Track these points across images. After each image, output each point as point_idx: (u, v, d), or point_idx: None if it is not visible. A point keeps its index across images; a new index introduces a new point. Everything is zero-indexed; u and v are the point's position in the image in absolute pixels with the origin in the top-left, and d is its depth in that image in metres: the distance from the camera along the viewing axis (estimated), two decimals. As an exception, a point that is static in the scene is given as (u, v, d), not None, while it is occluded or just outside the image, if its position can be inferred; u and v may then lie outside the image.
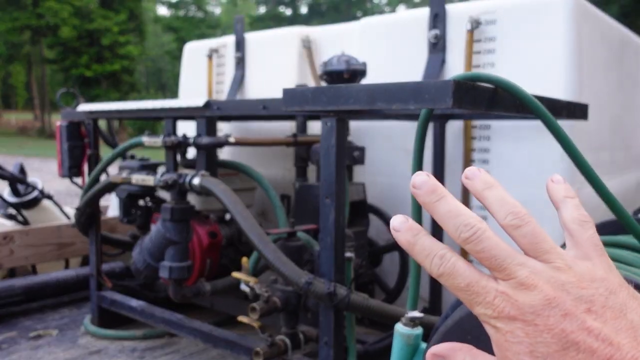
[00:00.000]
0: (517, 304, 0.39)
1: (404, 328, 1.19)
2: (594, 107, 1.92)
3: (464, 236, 0.42)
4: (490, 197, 0.44)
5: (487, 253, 0.41)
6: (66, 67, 29.43)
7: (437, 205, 0.43)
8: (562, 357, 0.38)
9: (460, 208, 0.42)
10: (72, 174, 2.53)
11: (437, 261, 0.43)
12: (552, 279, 0.40)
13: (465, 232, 0.42)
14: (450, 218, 0.43)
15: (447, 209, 0.43)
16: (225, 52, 3.00)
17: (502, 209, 0.43)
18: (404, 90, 1.12)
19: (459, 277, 0.42)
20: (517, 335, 0.39)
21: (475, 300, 0.41)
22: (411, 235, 0.43)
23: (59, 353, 2.19)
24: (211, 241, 2.14)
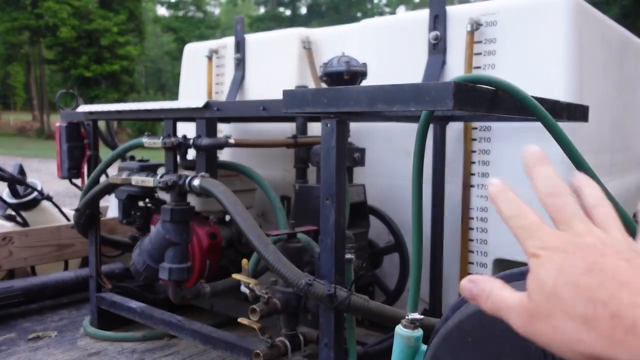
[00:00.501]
0: (566, 241, 0.48)
1: (404, 330, 1.19)
2: (595, 109, 1.92)
3: (548, 191, 0.52)
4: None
5: (559, 207, 0.51)
6: (65, 67, 29.44)
7: (538, 167, 0.54)
8: (585, 275, 0.45)
9: (552, 172, 0.53)
10: (71, 175, 2.53)
11: (513, 207, 0.53)
12: (603, 236, 0.48)
13: (551, 188, 0.52)
14: (543, 178, 0.53)
15: (544, 172, 0.53)
16: (225, 53, 3.00)
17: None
18: (404, 92, 1.11)
19: (526, 218, 0.51)
20: (553, 259, 0.47)
21: (530, 235, 0.50)
22: (503, 189, 0.54)
23: (58, 355, 2.19)
24: (211, 242, 2.13)
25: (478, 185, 2.11)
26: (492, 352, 0.89)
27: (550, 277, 0.46)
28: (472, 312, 0.91)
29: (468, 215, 2.13)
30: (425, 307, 2.17)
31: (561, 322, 0.46)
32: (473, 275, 0.54)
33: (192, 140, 1.98)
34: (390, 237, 2.27)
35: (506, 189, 0.54)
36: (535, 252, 0.49)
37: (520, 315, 0.49)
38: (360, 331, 2.21)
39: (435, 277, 2.14)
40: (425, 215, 1.53)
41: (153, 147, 2.07)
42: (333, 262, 1.47)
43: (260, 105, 1.77)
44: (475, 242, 2.12)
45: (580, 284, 0.45)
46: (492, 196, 0.55)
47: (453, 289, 2.18)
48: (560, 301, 0.46)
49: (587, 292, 0.44)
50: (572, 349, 0.45)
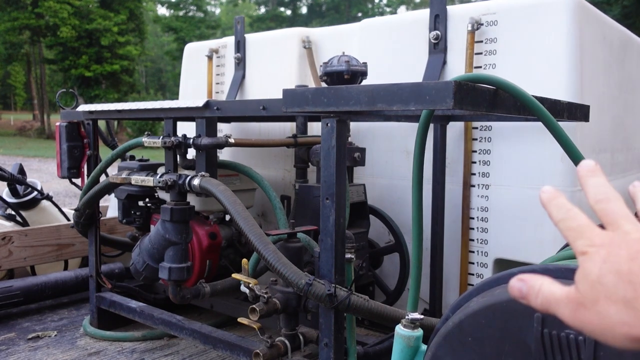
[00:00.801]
0: (614, 237, 0.51)
1: (404, 330, 1.19)
2: (595, 109, 1.91)
3: (597, 197, 0.54)
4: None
5: (608, 211, 0.53)
6: (65, 67, 29.44)
7: (590, 178, 0.56)
8: (629, 262, 0.48)
9: (602, 182, 0.56)
10: (71, 175, 2.52)
11: (564, 210, 0.55)
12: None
13: (600, 195, 0.55)
14: (593, 186, 0.55)
15: (595, 183, 0.56)
16: (225, 53, 2.99)
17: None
18: (404, 91, 1.11)
19: (575, 220, 0.54)
20: (600, 253, 0.50)
21: (580, 235, 0.52)
22: (554, 196, 0.57)
23: (58, 354, 2.19)
24: (211, 242, 2.13)
25: (478, 185, 2.11)
26: (491, 351, 0.89)
27: (596, 267, 0.49)
28: (472, 311, 0.91)
29: (468, 215, 2.13)
30: (426, 307, 2.17)
31: (604, 307, 0.48)
32: (521, 274, 0.56)
33: (192, 140, 1.98)
34: (390, 237, 2.27)
35: (557, 195, 0.57)
36: (583, 250, 0.52)
37: (568, 307, 0.51)
38: (360, 331, 2.21)
39: (435, 277, 2.14)
40: (425, 215, 1.52)
41: (153, 146, 2.07)
42: (333, 262, 1.47)
43: (260, 105, 1.77)
44: (475, 242, 2.12)
45: (623, 270, 0.48)
46: (543, 202, 0.57)
47: (453, 289, 2.18)
48: (604, 287, 0.48)
49: (628, 276, 0.47)
50: (616, 333, 0.48)
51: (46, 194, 3.15)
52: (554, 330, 0.83)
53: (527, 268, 0.97)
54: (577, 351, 0.81)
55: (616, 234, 0.51)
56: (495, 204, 2.07)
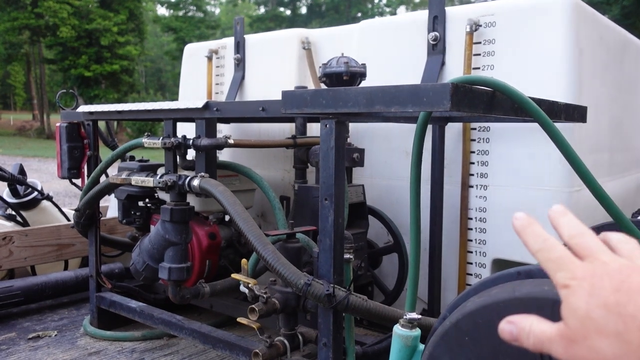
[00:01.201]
0: (594, 269, 0.51)
1: (402, 329, 1.20)
2: (593, 109, 1.92)
3: (571, 233, 0.56)
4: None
5: (584, 245, 0.54)
6: (65, 67, 29.45)
7: (562, 217, 0.57)
8: (614, 294, 0.48)
9: (574, 219, 0.57)
10: (71, 175, 2.53)
11: (540, 240, 0.56)
12: (628, 262, 0.52)
13: (573, 231, 0.56)
14: (566, 224, 0.57)
15: (567, 221, 0.57)
16: (224, 54, 3.00)
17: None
18: (402, 93, 1.12)
19: (554, 251, 0.54)
20: (583, 287, 0.50)
21: (560, 267, 0.53)
22: (528, 223, 0.57)
23: (58, 354, 2.20)
24: (210, 242, 2.14)
25: (477, 185, 2.11)
26: (489, 351, 0.90)
27: (582, 302, 0.49)
28: (469, 311, 0.92)
29: (467, 216, 2.14)
30: (424, 307, 2.18)
31: (596, 342, 0.48)
32: (510, 317, 0.57)
33: (191, 141, 1.99)
34: (389, 238, 2.28)
35: (531, 223, 0.57)
36: (565, 283, 0.52)
37: (560, 344, 0.51)
38: (359, 331, 2.22)
39: (433, 277, 2.15)
40: (423, 215, 1.53)
41: (153, 147, 2.08)
42: (332, 262, 1.48)
43: (260, 106, 1.78)
44: (473, 242, 2.13)
45: (610, 303, 0.48)
46: (517, 230, 0.58)
47: (451, 289, 2.19)
48: (593, 322, 0.48)
49: (616, 308, 0.47)
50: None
51: (46, 194, 3.16)
52: (550, 329, 0.84)
53: (525, 268, 0.98)
54: (572, 350, 0.82)
55: (595, 265, 0.51)
56: (493, 204, 2.08)
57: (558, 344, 0.51)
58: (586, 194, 1.27)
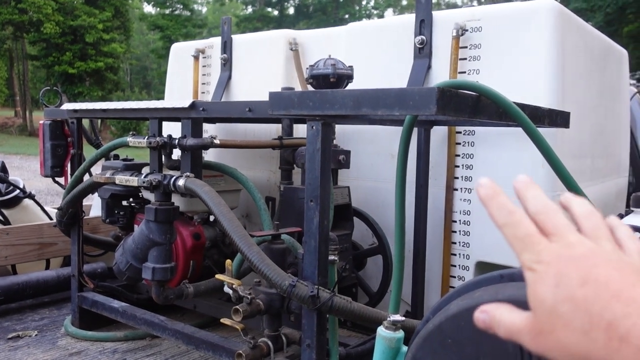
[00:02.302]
0: (560, 253, 0.50)
1: (386, 331, 1.21)
2: (576, 115, 1.95)
3: (537, 209, 0.53)
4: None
5: (550, 222, 0.52)
6: (49, 63, 29.09)
7: (528, 191, 0.55)
8: (581, 288, 0.47)
9: (540, 194, 0.55)
10: (54, 174, 2.51)
11: (505, 213, 0.53)
12: (594, 247, 0.51)
13: (539, 206, 0.54)
14: (532, 199, 0.55)
15: (533, 195, 0.55)
16: (211, 53, 2.99)
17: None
18: (389, 97, 1.13)
19: (520, 228, 0.52)
20: (549, 274, 0.49)
21: (526, 248, 0.51)
22: (494, 192, 0.55)
23: (38, 354, 2.17)
24: (195, 243, 2.13)
25: (461, 188, 2.13)
26: (471, 353, 0.91)
27: (549, 293, 0.49)
28: (452, 314, 0.93)
29: (451, 218, 2.15)
30: (408, 309, 2.19)
31: (563, 336, 0.48)
32: (484, 305, 0.56)
33: (177, 140, 1.98)
34: (374, 239, 2.29)
35: (497, 193, 0.55)
36: (531, 267, 0.51)
37: (529, 334, 0.51)
38: (343, 332, 2.22)
39: (417, 280, 2.16)
40: (408, 217, 1.54)
41: (138, 146, 2.06)
42: (316, 264, 1.48)
43: (246, 107, 1.78)
44: (457, 244, 2.15)
45: (578, 297, 0.47)
46: (482, 199, 0.55)
47: (435, 291, 2.20)
48: (561, 316, 0.48)
49: (583, 304, 0.47)
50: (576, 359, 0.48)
51: (28, 193, 3.12)
52: (531, 332, 0.85)
53: (508, 272, 0.99)
54: (553, 353, 0.83)
55: (561, 247, 0.50)
56: (477, 207, 2.09)
57: (526, 335, 0.51)
58: (568, 199, 1.29)
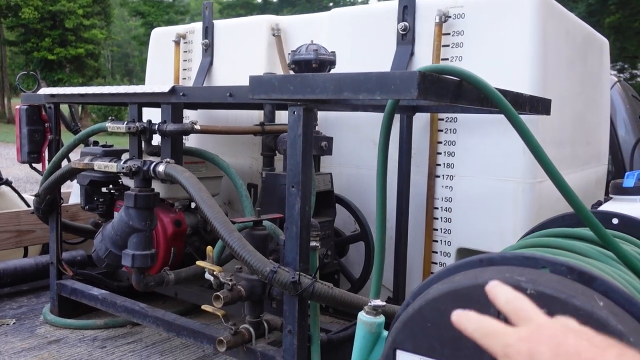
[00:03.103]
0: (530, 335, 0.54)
1: (366, 316, 1.20)
2: (557, 103, 1.96)
3: (507, 299, 0.61)
4: None
5: (519, 308, 0.60)
6: (27, 49, 28.54)
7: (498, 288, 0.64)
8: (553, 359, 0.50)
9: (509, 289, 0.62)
10: (31, 160, 2.46)
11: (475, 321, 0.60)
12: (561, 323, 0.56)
13: (509, 296, 0.62)
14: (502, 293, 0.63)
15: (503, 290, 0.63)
16: (192, 39, 2.95)
17: None
18: (370, 81, 1.12)
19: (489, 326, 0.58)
20: (521, 353, 0.53)
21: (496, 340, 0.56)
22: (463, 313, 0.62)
23: (16, 342, 2.14)
24: (176, 230, 2.11)
25: (443, 175, 2.14)
26: (450, 337, 0.91)
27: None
28: (432, 298, 0.93)
29: (433, 205, 2.16)
30: (389, 295, 2.20)
31: None
32: None
33: (157, 126, 1.95)
34: (356, 226, 2.29)
35: (467, 313, 0.61)
36: (504, 352, 0.54)
37: None
38: (325, 319, 2.23)
39: (399, 266, 2.17)
40: (390, 204, 1.54)
41: (117, 131, 2.03)
42: (298, 250, 1.48)
43: (227, 92, 1.76)
44: (439, 231, 2.16)
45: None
46: (456, 323, 0.62)
47: (417, 277, 2.21)
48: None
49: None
50: None
51: (5, 179, 3.06)
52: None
53: (487, 256, 0.99)
54: (531, 336, 0.84)
55: (532, 329, 0.54)
56: (459, 194, 2.10)
57: None
58: (549, 185, 1.30)
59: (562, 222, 1.35)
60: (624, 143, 3.97)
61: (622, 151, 3.94)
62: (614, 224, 1.32)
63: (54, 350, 2.08)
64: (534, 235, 1.33)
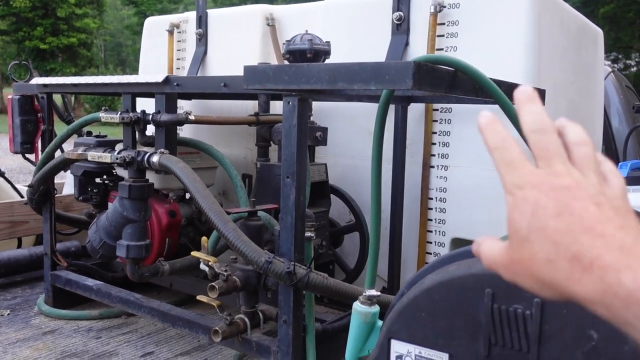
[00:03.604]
0: (543, 181, 0.50)
1: (361, 306, 1.21)
2: (552, 93, 1.96)
3: (534, 127, 0.52)
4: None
5: (543, 144, 0.51)
6: (19, 39, 28.26)
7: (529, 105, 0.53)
8: (555, 219, 0.47)
9: (541, 110, 0.53)
10: (24, 150, 2.44)
11: (498, 139, 0.53)
12: (579, 178, 0.50)
13: (537, 124, 0.52)
14: (531, 114, 0.53)
15: (534, 110, 0.53)
16: (186, 28, 2.93)
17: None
18: (365, 71, 1.12)
19: (509, 152, 0.52)
20: (527, 201, 0.49)
21: (511, 171, 0.51)
22: (492, 120, 0.54)
23: (11, 333, 2.14)
24: (170, 220, 2.11)
25: (438, 166, 2.14)
26: (444, 326, 0.92)
27: (524, 222, 0.49)
28: (426, 288, 0.93)
29: (427, 196, 2.16)
30: (384, 285, 2.21)
31: (530, 264, 0.49)
32: (480, 238, 0.57)
33: (151, 116, 1.94)
34: (351, 217, 2.29)
35: (495, 121, 0.54)
36: (511, 191, 0.51)
37: (502, 263, 0.52)
38: (320, 309, 2.23)
39: (393, 256, 2.18)
40: (385, 194, 1.54)
41: (110, 121, 2.02)
42: (293, 240, 1.48)
43: (222, 82, 1.75)
44: (433, 221, 2.16)
45: (549, 228, 0.48)
46: (480, 127, 0.55)
47: (411, 268, 2.22)
48: (530, 245, 0.49)
49: (553, 235, 0.47)
50: (541, 287, 0.50)
51: (-2, 170, 3.05)
52: (503, 305, 0.86)
53: (480, 246, 1.00)
54: (524, 325, 0.85)
55: (546, 175, 0.50)
56: (453, 184, 2.11)
57: (500, 264, 0.53)
58: (542, 175, 1.30)
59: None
60: (618, 133, 3.98)
61: (615, 142, 3.95)
62: (607, 214, 1.32)
63: (49, 340, 2.08)
64: (527, 225, 1.34)
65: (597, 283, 0.45)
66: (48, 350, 2.00)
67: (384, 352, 0.99)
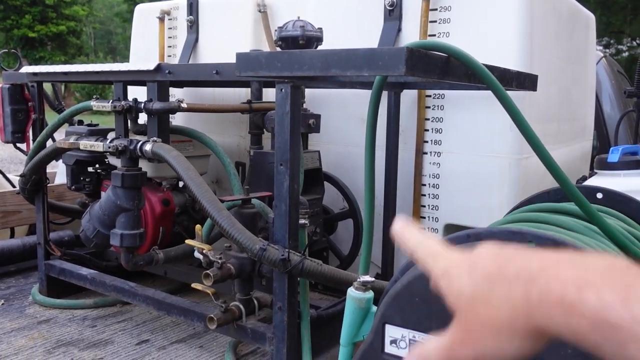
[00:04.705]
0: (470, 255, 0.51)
1: (355, 292, 1.22)
2: (544, 79, 1.96)
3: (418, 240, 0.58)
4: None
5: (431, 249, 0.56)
6: (7, 27, 27.88)
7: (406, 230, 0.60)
8: (493, 264, 0.48)
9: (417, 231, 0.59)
10: (15, 139, 2.42)
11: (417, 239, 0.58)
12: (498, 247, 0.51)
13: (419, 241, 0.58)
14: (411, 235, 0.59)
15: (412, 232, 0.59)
16: (177, 15, 2.90)
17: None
18: (358, 57, 1.11)
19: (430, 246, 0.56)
20: (462, 269, 0.50)
21: (436, 260, 0.54)
22: (405, 225, 0.60)
23: (6, 322, 2.14)
24: (164, 209, 2.10)
25: (431, 152, 2.15)
26: (438, 311, 0.93)
27: (466, 281, 0.48)
28: (419, 273, 0.94)
29: (420, 182, 2.17)
30: (378, 271, 2.23)
31: (486, 312, 0.46)
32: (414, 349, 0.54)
33: (143, 104, 1.93)
34: (344, 204, 2.30)
35: (407, 225, 0.60)
36: (444, 272, 0.52)
37: (457, 343, 0.49)
38: (314, 295, 2.25)
39: (387, 242, 2.19)
40: (378, 181, 1.55)
41: (102, 110, 2.01)
42: (287, 228, 1.48)
43: (214, 69, 1.74)
44: (426, 208, 2.17)
45: (492, 271, 0.47)
46: (397, 232, 0.60)
47: (405, 254, 2.23)
48: (480, 295, 0.47)
49: (498, 272, 0.46)
50: (508, 336, 0.45)
51: (-11, 160, 3.02)
52: (496, 289, 0.87)
53: (474, 231, 1.01)
54: (517, 309, 0.85)
55: (471, 252, 0.51)
56: (446, 171, 2.12)
57: (455, 345, 0.49)
58: (535, 161, 1.31)
59: (547, 197, 1.37)
60: (609, 118, 4.00)
61: (607, 127, 3.97)
62: (598, 198, 1.34)
63: (44, 330, 2.08)
64: (520, 210, 1.35)
65: (556, 306, 0.41)
66: (43, 339, 2.01)
67: (379, 337, 1.00)
